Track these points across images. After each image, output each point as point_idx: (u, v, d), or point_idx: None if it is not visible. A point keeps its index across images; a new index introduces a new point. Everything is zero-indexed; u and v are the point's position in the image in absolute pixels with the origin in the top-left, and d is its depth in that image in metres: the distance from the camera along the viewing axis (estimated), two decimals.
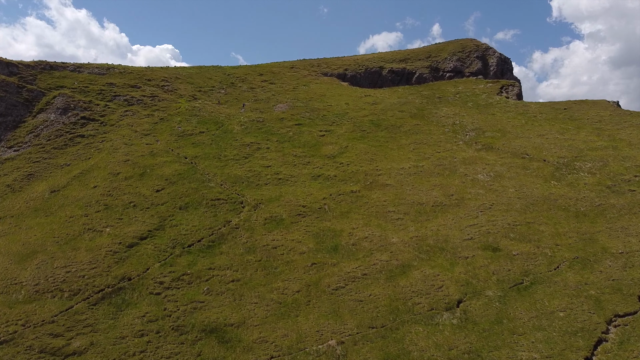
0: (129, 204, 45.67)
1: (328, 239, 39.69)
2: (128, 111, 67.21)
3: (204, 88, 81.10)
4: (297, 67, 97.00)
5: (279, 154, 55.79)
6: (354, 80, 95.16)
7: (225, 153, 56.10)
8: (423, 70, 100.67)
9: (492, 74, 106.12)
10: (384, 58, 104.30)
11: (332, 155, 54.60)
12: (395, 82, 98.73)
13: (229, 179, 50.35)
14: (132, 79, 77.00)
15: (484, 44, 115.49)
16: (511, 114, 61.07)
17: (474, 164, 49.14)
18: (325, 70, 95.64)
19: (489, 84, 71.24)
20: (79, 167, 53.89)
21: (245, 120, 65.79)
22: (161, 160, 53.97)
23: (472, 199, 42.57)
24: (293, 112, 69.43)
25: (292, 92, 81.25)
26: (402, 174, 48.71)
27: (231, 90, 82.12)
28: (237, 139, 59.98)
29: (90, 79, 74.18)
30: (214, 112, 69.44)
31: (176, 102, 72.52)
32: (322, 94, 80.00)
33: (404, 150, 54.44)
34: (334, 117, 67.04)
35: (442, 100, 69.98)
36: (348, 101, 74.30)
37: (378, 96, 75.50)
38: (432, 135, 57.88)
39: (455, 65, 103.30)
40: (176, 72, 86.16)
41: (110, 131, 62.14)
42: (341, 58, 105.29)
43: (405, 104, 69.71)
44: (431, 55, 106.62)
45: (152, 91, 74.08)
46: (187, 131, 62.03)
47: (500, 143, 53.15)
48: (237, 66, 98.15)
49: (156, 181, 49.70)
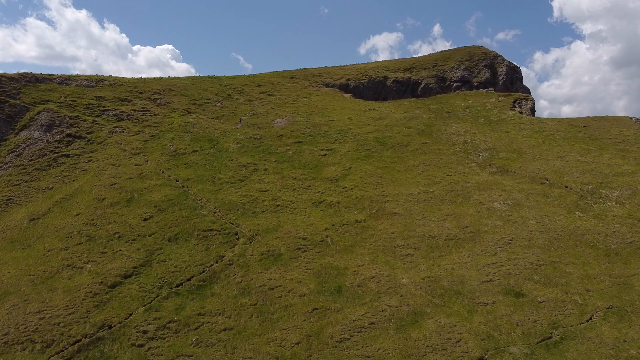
0: (114, 235, 42.59)
1: (331, 278, 36.54)
2: (117, 127, 64.25)
3: (199, 101, 78.16)
4: (297, 77, 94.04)
5: (277, 177, 52.73)
6: (357, 91, 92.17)
7: (220, 175, 53.05)
8: (429, 80, 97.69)
9: (502, 84, 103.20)
10: (388, 67, 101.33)
11: (334, 178, 51.53)
12: (400, 92, 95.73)
13: (223, 205, 47.26)
14: (122, 91, 74.09)
15: (492, 51, 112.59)
16: (526, 131, 57.97)
17: (488, 189, 46.03)
18: (327, 81, 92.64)
19: (500, 98, 68.20)
20: (62, 191, 50.85)
21: (241, 137, 62.79)
22: (150, 184, 50.93)
23: (489, 232, 39.42)
24: (293, 128, 66.42)
25: (291, 105, 78.28)
26: (411, 201, 45.61)
27: (227, 102, 79.16)
28: (233, 159, 56.94)
29: (78, 92, 71.27)
30: (208, 128, 66.45)
31: (169, 116, 69.55)
32: (324, 107, 77.02)
33: (412, 173, 51.36)
34: (337, 133, 64.01)
35: (452, 116, 66.93)
36: (351, 115, 71.29)
37: (383, 110, 72.49)
38: (442, 155, 54.81)
39: (462, 75, 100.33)
40: (170, 83, 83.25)
41: (98, 150, 59.16)
42: (343, 67, 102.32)
43: (412, 120, 66.69)
44: (437, 64, 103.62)
45: (144, 105, 71.16)
46: (180, 150, 59.02)
47: (516, 165, 50.05)
48: (234, 76, 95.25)
49: (144, 208, 46.63)
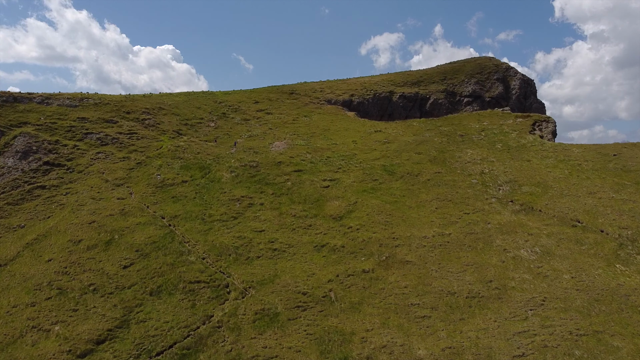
0: (89, 287, 38.32)
1: (335, 346, 32.19)
2: (100, 153, 60.16)
3: (191, 120, 74.13)
4: (297, 92, 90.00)
5: (274, 213, 48.49)
6: (361, 107, 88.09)
7: (211, 211, 48.83)
8: (438, 96, 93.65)
9: (515, 98, 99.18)
10: (394, 81, 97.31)
11: (338, 216, 47.27)
12: (407, 109, 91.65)
13: (213, 249, 43.00)
14: (108, 111, 70.09)
15: (504, 63, 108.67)
16: (550, 160, 53.70)
17: (513, 232, 41.72)
18: (329, 97, 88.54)
19: (519, 119, 64.03)
20: (35, 230, 46.64)
21: (236, 164, 58.61)
22: (133, 222, 46.72)
23: (517, 289, 35.08)
24: (292, 153, 62.26)
25: (291, 126, 74.19)
26: (425, 246, 41.30)
27: (222, 122, 75.11)
28: (226, 191, 52.75)
29: (59, 112, 67.28)
30: (200, 153, 62.31)
31: (157, 139, 65.47)
32: (326, 127, 72.90)
33: (424, 210, 47.09)
34: (340, 160, 59.83)
35: (466, 140, 62.73)
36: (356, 138, 67.12)
37: (390, 132, 68.33)
38: (458, 188, 50.56)
39: (473, 90, 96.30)
40: (160, 101, 79.25)
41: (78, 180, 55.04)
42: (346, 81, 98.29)
43: (423, 144, 62.50)
44: (446, 78, 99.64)
45: (131, 127, 67.11)
46: (168, 180, 54.85)
47: (542, 202, 45.76)
48: (229, 92, 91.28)
49: (125, 252, 42.39)
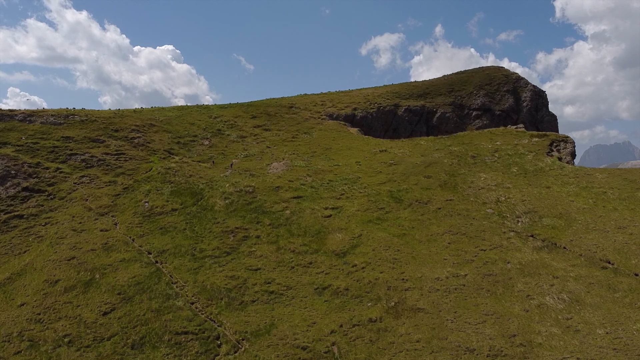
0: (63, 339, 34.82)
1: None
2: (85, 177, 56.79)
3: (184, 138, 70.79)
4: (297, 106, 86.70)
5: (272, 248, 45.02)
6: (364, 122, 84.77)
7: (202, 245, 45.36)
8: (445, 109, 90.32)
9: (526, 111, 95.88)
10: (399, 93, 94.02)
11: (341, 252, 43.79)
12: (412, 123, 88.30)
13: (203, 291, 39.50)
14: (95, 129, 66.79)
15: (514, 73, 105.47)
16: (572, 187, 50.22)
17: (536, 274, 38.19)
18: (331, 111, 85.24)
19: (534, 139, 60.64)
20: (9, 267, 43.16)
21: (230, 189, 55.18)
22: (117, 258, 43.27)
23: (545, 346, 31.51)
24: (292, 176, 58.85)
25: (290, 144, 70.83)
26: (439, 290, 37.78)
27: (217, 140, 71.77)
28: (219, 221, 49.31)
29: (42, 131, 63.98)
30: (192, 176, 58.93)
31: (147, 160, 62.09)
32: (328, 145, 69.54)
33: (436, 245, 43.60)
34: (343, 184, 56.40)
35: (478, 161, 59.30)
36: (359, 159, 63.72)
37: (396, 152, 64.91)
38: (472, 219, 47.08)
39: (483, 102, 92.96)
40: (151, 117, 75.96)
41: (59, 207, 51.64)
42: (349, 93, 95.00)
43: (432, 166, 59.07)
44: (454, 89, 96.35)
45: (119, 146, 63.73)
46: (156, 208, 51.44)
47: (566, 238, 42.25)
48: (225, 105, 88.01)
49: (106, 296, 38.91)
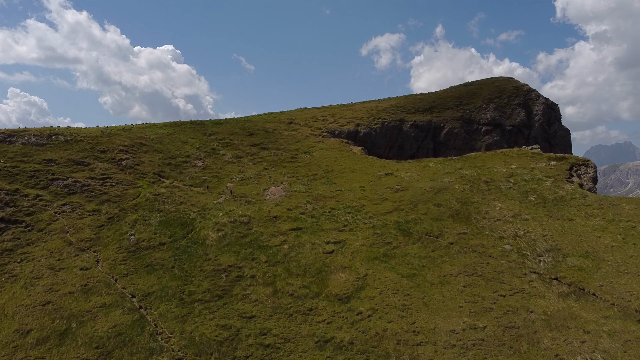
0: None
1: None
2: (67, 205, 53.26)
3: (176, 159, 67.27)
4: (297, 121, 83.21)
5: (268, 290, 41.41)
6: (368, 139, 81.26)
7: (191, 288, 41.76)
8: (453, 124, 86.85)
9: (538, 125, 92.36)
10: (404, 107, 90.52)
11: (345, 296, 40.18)
12: (419, 139, 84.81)
13: (191, 344, 35.87)
14: (80, 150, 63.30)
15: (524, 84, 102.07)
16: (597, 220, 46.66)
17: (564, 328, 34.57)
18: (332, 127, 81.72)
19: (552, 162, 57.05)
20: None
21: (224, 220, 51.61)
22: (97, 303, 39.69)
23: None
24: (290, 204, 55.31)
25: (289, 165, 67.32)
26: (455, 346, 34.15)
27: (211, 161, 68.27)
28: (211, 258, 45.75)
29: (23, 153, 60.51)
30: (183, 204, 55.40)
31: (135, 185, 58.58)
32: (329, 167, 66.01)
33: (450, 289, 39.99)
34: (346, 213, 52.85)
35: (492, 187, 55.76)
36: (364, 183, 60.19)
37: (403, 176, 61.38)
38: (489, 257, 43.50)
39: (492, 117, 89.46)
40: (142, 134, 72.46)
41: (37, 241, 48.08)
42: (351, 107, 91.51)
43: (442, 193, 55.53)
44: (462, 103, 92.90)
45: (105, 170, 60.22)
46: (143, 242, 47.89)
47: (595, 282, 38.65)
48: (221, 121, 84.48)
49: (82, 350, 35.28)
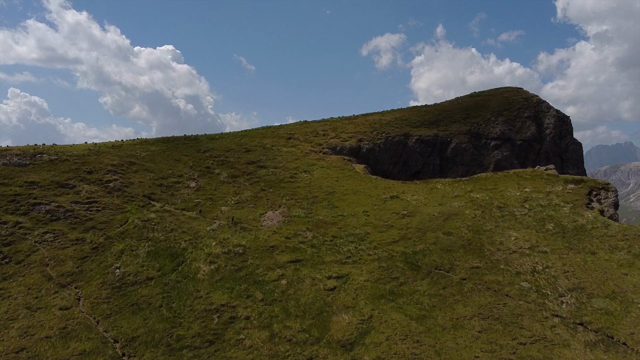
0: None
1: None
2: (48, 233, 50.18)
3: (168, 179, 64.19)
4: (297, 136, 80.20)
5: (264, 335, 38.21)
6: (371, 155, 78.26)
7: (180, 331, 38.57)
8: (461, 139, 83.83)
9: (549, 140, 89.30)
10: (409, 120, 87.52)
11: (348, 342, 36.98)
12: (424, 155, 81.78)
13: None
14: (65, 171, 60.25)
15: (534, 95, 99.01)
16: (622, 254, 43.47)
17: None
18: (333, 142, 78.71)
19: (569, 185, 53.92)
20: None
21: (217, 250, 48.49)
22: (76, 350, 36.48)
23: None
24: (289, 231, 52.22)
25: (288, 185, 64.24)
26: None
27: (205, 181, 65.20)
28: (202, 295, 42.60)
29: (4, 174, 57.43)
30: (174, 231, 52.32)
31: (123, 210, 55.50)
32: (331, 188, 62.92)
33: (464, 335, 36.81)
34: (349, 242, 49.73)
35: (506, 214, 52.63)
36: (367, 208, 57.09)
37: (409, 199, 58.27)
38: (505, 296, 40.33)
39: (502, 131, 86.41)
40: (132, 152, 69.42)
41: (14, 275, 44.93)
42: (353, 120, 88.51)
43: (452, 219, 52.43)
44: (469, 115, 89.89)
45: (91, 193, 57.15)
46: (129, 276, 44.77)
47: (625, 329, 35.45)
48: (216, 135, 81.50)
49: None
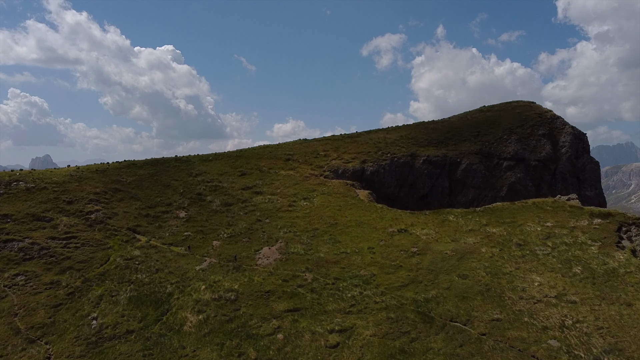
0: None
1: None
2: (20, 275, 45.81)
3: (155, 208, 59.86)
4: (296, 157, 75.93)
5: None
6: (376, 178, 74.02)
7: None
8: (471, 159, 79.58)
9: (566, 159, 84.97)
10: (416, 139, 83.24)
11: None
12: (433, 177, 77.54)
13: None
14: (42, 201, 55.98)
15: (548, 111, 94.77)
16: None
17: None
18: (335, 164, 74.44)
19: (595, 220, 49.65)
20: None
21: (207, 296, 44.10)
22: None
23: None
24: (287, 272, 47.86)
25: (286, 215, 59.90)
26: None
27: (196, 209, 60.86)
28: (188, 354, 38.14)
29: None
30: (160, 271, 47.98)
31: (104, 246, 51.20)
32: (333, 219, 58.57)
33: None
34: (354, 285, 45.36)
35: (526, 253, 48.27)
36: (373, 243, 52.76)
37: (419, 233, 53.95)
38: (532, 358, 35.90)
39: (515, 150, 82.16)
40: (117, 178, 65.12)
41: None
42: (356, 139, 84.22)
43: (466, 258, 48.11)
44: (480, 133, 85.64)
45: (70, 226, 52.86)
46: (107, 328, 40.35)
47: None
48: (209, 156, 77.21)
49: None
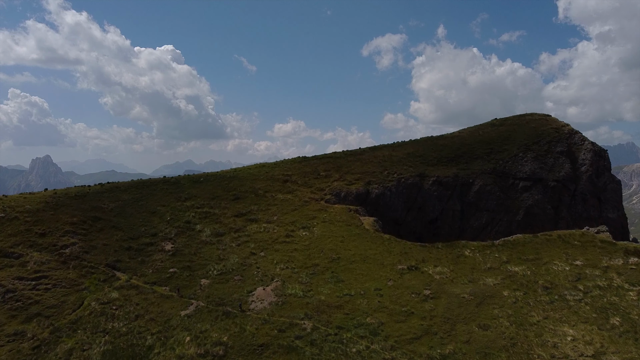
0: None
1: None
2: None
3: (138, 240, 54.83)
4: (294, 179, 70.94)
5: None
6: (381, 201, 69.07)
7: None
8: (484, 179, 74.60)
9: (586, 178, 79.91)
10: (424, 157, 78.25)
11: None
12: (443, 199, 72.59)
13: None
14: (12, 233, 51.03)
15: (565, 124, 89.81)
16: None
17: None
18: (338, 186, 69.42)
19: (631, 258, 44.68)
20: None
21: (192, 351, 39.02)
22: None
23: None
24: (284, 320, 42.81)
25: (283, 247, 54.88)
26: None
27: (183, 240, 55.85)
28: None
29: None
30: (140, 318, 42.94)
31: (79, 287, 46.24)
32: (335, 253, 53.53)
33: None
34: (359, 337, 40.31)
35: (555, 298, 43.24)
36: (380, 283, 47.71)
37: (432, 272, 48.93)
38: None
39: (532, 170, 77.17)
40: (99, 203, 60.14)
41: None
42: (360, 157, 79.24)
43: (487, 303, 43.11)
44: (493, 150, 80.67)
45: (41, 264, 47.88)
46: None
47: None
48: (200, 177, 72.22)
49: None
